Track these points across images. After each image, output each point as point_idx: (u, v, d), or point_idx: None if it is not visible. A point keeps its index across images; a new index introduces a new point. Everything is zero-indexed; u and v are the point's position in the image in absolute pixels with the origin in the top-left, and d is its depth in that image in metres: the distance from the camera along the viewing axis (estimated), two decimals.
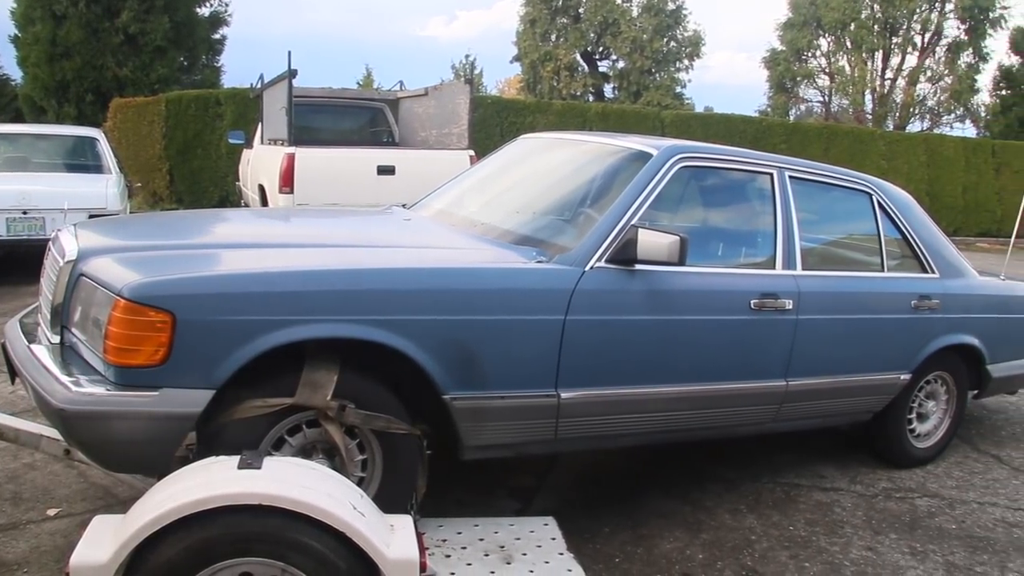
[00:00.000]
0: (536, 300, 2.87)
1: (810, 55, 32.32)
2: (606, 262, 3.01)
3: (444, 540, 2.73)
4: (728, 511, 3.59)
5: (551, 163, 4.10)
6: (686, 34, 32.40)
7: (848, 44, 30.87)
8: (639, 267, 3.04)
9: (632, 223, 3.07)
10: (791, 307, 3.46)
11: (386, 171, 7.63)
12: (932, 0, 29.43)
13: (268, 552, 2.00)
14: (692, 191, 3.79)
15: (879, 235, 4.02)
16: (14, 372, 2.78)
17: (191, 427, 2.47)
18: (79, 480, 3.45)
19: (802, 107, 33.97)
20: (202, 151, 14.30)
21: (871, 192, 4.06)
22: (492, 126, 15.06)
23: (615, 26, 30.87)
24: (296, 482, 2.08)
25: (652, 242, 2.93)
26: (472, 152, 7.93)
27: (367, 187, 7.36)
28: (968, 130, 30.66)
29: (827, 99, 32.97)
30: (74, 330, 2.64)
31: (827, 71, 32.24)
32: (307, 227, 3.88)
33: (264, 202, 8.26)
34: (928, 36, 30.29)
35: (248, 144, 10.35)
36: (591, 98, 30.82)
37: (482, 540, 2.76)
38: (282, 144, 7.72)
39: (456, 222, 3.65)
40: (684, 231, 2.96)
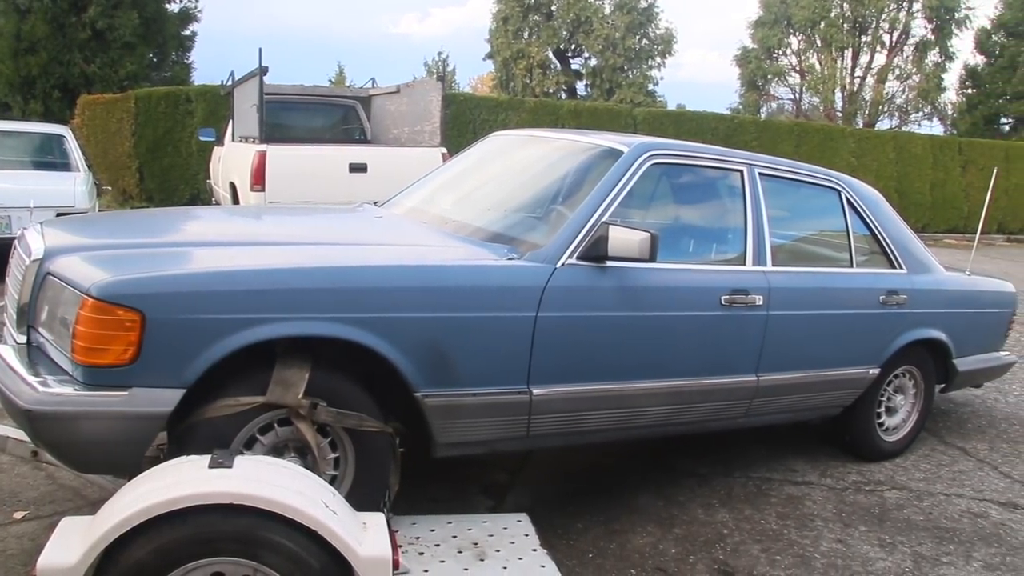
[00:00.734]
0: (508, 297, 2.87)
1: (781, 53, 32.62)
2: (577, 259, 3.02)
3: (417, 537, 2.73)
4: (700, 506, 3.62)
5: (523, 160, 4.11)
6: (658, 32, 32.55)
7: (818, 42, 31.17)
8: (610, 264, 3.05)
9: (603, 220, 3.09)
10: (761, 303, 3.50)
11: (358, 168, 7.60)
12: None
13: (240, 552, 1.99)
14: (663, 188, 3.82)
15: (848, 231, 4.08)
16: None
17: (162, 427, 2.45)
18: (47, 482, 3.40)
19: (773, 105, 34.31)
20: (172, 149, 14.15)
21: (840, 189, 4.11)
22: (464, 123, 15.02)
23: (587, 24, 30.93)
24: (268, 481, 2.06)
25: (623, 239, 2.95)
26: (444, 149, 7.91)
27: (339, 185, 7.33)
28: (936, 128, 31.23)
29: (798, 97, 33.30)
30: (41, 330, 2.61)
31: (798, 69, 32.55)
32: (278, 225, 3.85)
33: (235, 200, 8.20)
34: (896, 35, 30.71)
35: (219, 142, 10.26)
36: (563, 95, 30.87)
37: (455, 537, 2.76)
38: (253, 142, 7.66)
39: (428, 219, 3.65)
40: (655, 228, 2.97)
